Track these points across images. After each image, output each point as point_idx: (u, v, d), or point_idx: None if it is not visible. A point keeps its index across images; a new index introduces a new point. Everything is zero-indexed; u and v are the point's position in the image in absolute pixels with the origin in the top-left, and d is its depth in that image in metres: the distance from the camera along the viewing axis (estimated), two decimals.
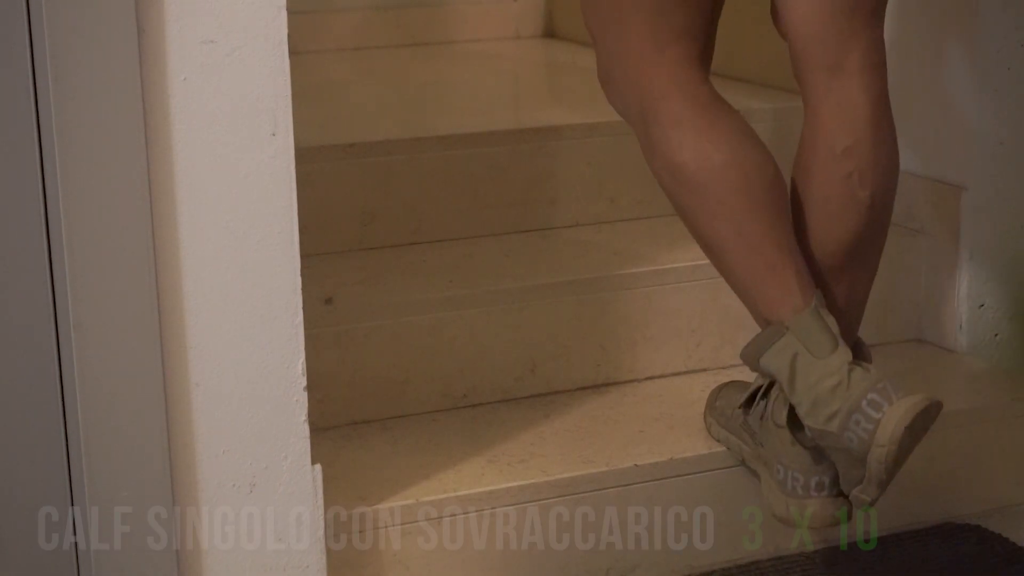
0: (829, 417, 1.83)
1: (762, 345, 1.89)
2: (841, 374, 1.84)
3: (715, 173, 1.89)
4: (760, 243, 1.89)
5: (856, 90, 1.91)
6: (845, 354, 1.85)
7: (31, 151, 1.60)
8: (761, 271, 1.90)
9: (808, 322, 1.87)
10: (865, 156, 1.92)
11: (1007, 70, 2.34)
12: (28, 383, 1.65)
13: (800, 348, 1.86)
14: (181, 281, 1.68)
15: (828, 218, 1.94)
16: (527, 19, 3.45)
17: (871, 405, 1.81)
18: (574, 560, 1.99)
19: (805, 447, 1.90)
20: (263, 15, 1.66)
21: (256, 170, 1.69)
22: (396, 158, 2.39)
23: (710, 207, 1.90)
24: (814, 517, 1.91)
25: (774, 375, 1.89)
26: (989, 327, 2.40)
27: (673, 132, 1.90)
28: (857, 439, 1.81)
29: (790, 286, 1.89)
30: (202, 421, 1.72)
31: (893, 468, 1.82)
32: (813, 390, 1.84)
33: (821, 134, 1.92)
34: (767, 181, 1.90)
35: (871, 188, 1.92)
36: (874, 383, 1.83)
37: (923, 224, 2.44)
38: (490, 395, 2.21)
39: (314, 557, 1.79)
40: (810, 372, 1.85)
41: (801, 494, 1.91)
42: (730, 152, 1.89)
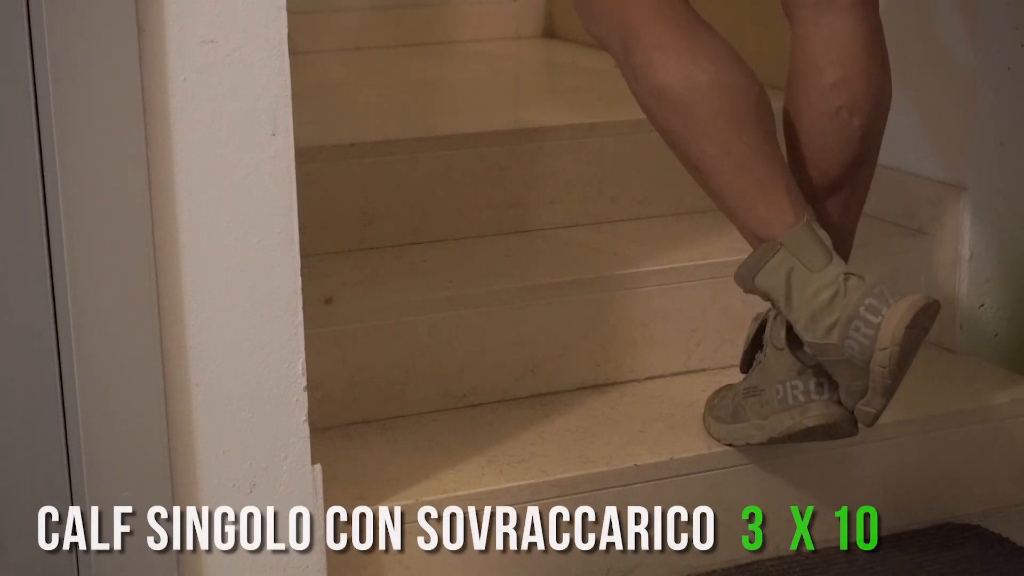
0: (828, 328, 1.83)
1: (756, 264, 1.89)
2: (837, 284, 1.84)
3: (700, 93, 1.88)
4: (749, 161, 1.88)
5: (847, 24, 1.91)
6: (840, 266, 1.85)
7: (31, 151, 1.60)
8: (751, 189, 1.89)
9: (801, 236, 1.86)
10: (855, 90, 1.91)
11: (1007, 70, 2.34)
12: (28, 383, 1.65)
13: (795, 263, 1.86)
14: (181, 281, 1.68)
15: (819, 149, 1.94)
16: (527, 19, 3.45)
17: (869, 310, 1.81)
18: (574, 560, 1.99)
19: (806, 366, 1.90)
20: (263, 15, 1.66)
21: (256, 170, 1.69)
22: (396, 158, 2.39)
23: (696, 127, 1.89)
24: (818, 415, 1.90)
25: (769, 293, 1.89)
26: (989, 327, 2.40)
27: (656, 55, 1.89)
28: (858, 346, 1.81)
29: (781, 203, 1.88)
30: (202, 421, 1.72)
31: (897, 372, 1.81)
32: (810, 303, 1.84)
33: (810, 68, 1.92)
34: (753, 100, 1.89)
35: (861, 120, 1.93)
36: (870, 288, 1.82)
37: (923, 224, 2.44)
38: (490, 395, 2.21)
39: (314, 557, 1.79)
40: (806, 286, 1.84)
41: (802, 400, 1.90)
42: (715, 72, 1.88)
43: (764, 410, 1.97)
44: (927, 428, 2.17)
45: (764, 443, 1.99)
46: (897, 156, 2.45)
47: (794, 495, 2.08)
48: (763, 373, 1.97)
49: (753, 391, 1.99)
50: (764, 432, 1.97)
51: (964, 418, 2.20)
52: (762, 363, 1.98)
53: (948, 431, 2.18)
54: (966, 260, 2.39)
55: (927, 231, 2.43)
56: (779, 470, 2.07)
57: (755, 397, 1.99)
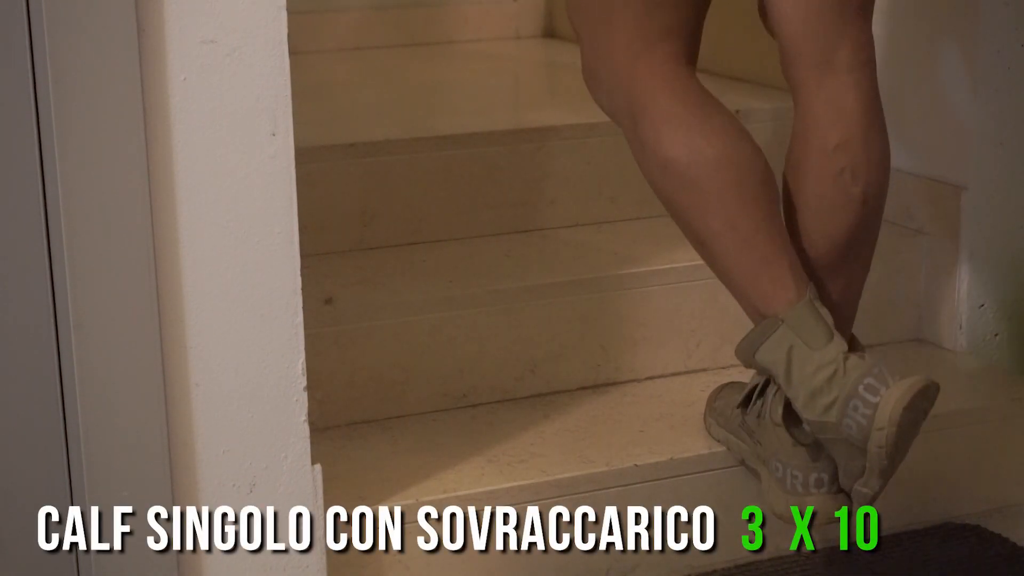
0: (827, 407, 1.83)
1: (757, 339, 1.89)
2: (837, 363, 1.84)
3: (707, 168, 1.88)
4: (753, 237, 1.89)
5: (846, 87, 1.91)
6: (840, 344, 1.85)
7: (31, 151, 1.60)
8: (755, 265, 1.89)
9: (803, 314, 1.87)
10: (857, 152, 1.91)
11: (1007, 70, 2.34)
12: (28, 383, 1.65)
13: (796, 340, 1.86)
14: (181, 281, 1.68)
15: (821, 215, 1.94)
16: (527, 19, 3.45)
17: (868, 390, 1.81)
18: (574, 560, 1.99)
19: (803, 444, 1.90)
20: (263, 15, 1.66)
21: (256, 170, 1.69)
22: (396, 158, 2.39)
23: (702, 202, 1.89)
24: (815, 515, 1.91)
25: (770, 369, 1.89)
26: (989, 327, 2.40)
27: (664, 128, 1.90)
28: (856, 426, 1.81)
29: (784, 279, 1.88)
30: (202, 421, 1.72)
31: (894, 454, 1.81)
32: (809, 381, 1.84)
33: (812, 131, 1.92)
34: (759, 176, 1.90)
35: (863, 184, 1.92)
36: (870, 368, 1.82)
37: (923, 224, 2.44)
38: (490, 395, 2.21)
39: (314, 557, 1.79)
40: (806, 363, 1.85)
41: (801, 491, 1.91)
42: (722, 147, 1.89)
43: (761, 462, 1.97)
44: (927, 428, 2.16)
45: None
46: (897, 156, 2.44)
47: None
48: (763, 431, 1.96)
49: (750, 434, 1.99)
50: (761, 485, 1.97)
51: (964, 418, 2.20)
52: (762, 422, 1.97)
53: (948, 431, 2.18)
54: (966, 260, 2.39)
55: (927, 231, 2.43)
56: None
57: (752, 441, 1.99)
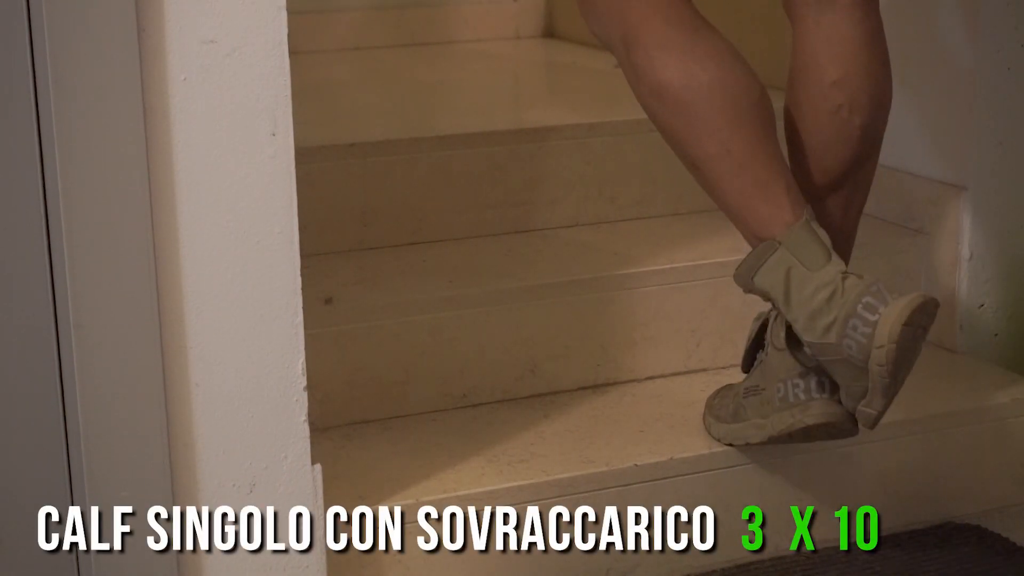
0: (826, 328, 1.83)
1: (755, 263, 1.89)
2: (835, 283, 1.84)
3: (701, 92, 1.88)
4: (749, 160, 1.88)
5: (847, 23, 1.91)
6: (838, 265, 1.85)
7: (31, 151, 1.60)
8: (750, 188, 1.89)
9: (800, 235, 1.86)
10: (855, 88, 1.92)
11: (1007, 70, 2.34)
12: (28, 383, 1.65)
13: (794, 262, 1.86)
14: (181, 281, 1.68)
15: (819, 148, 1.94)
16: (527, 19, 3.45)
17: (867, 308, 1.81)
18: (574, 560, 1.99)
19: (807, 367, 1.90)
20: (263, 15, 1.66)
21: (256, 170, 1.69)
22: (396, 158, 2.39)
23: (697, 126, 1.89)
24: (819, 415, 1.90)
25: (768, 292, 1.89)
26: (989, 327, 2.40)
27: (657, 53, 1.89)
28: (856, 344, 1.81)
29: (780, 202, 1.88)
30: (202, 421, 1.72)
31: (896, 371, 1.81)
32: (809, 302, 1.84)
33: (811, 66, 1.93)
34: (754, 99, 1.90)
35: (861, 119, 1.93)
36: (868, 287, 1.82)
37: (923, 224, 2.44)
38: (490, 395, 2.21)
39: (314, 557, 1.79)
40: (805, 285, 1.84)
41: (803, 399, 1.90)
42: (716, 70, 1.88)
43: (764, 409, 1.97)
44: (927, 428, 2.17)
45: (764, 442, 1.99)
46: (897, 156, 2.45)
47: (794, 495, 2.08)
48: (764, 373, 1.97)
49: (754, 390, 1.99)
50: (764, 431, 1.97)
51: (964, 418, 2.20)
52: (763, 363, 1.98)
53: (948, 431, 2.18)
54: (966, 260, 2.39)
55: (927, 231, 2.43)
56: (779, 470, 2.07)
57: (756, 396, 1.99)
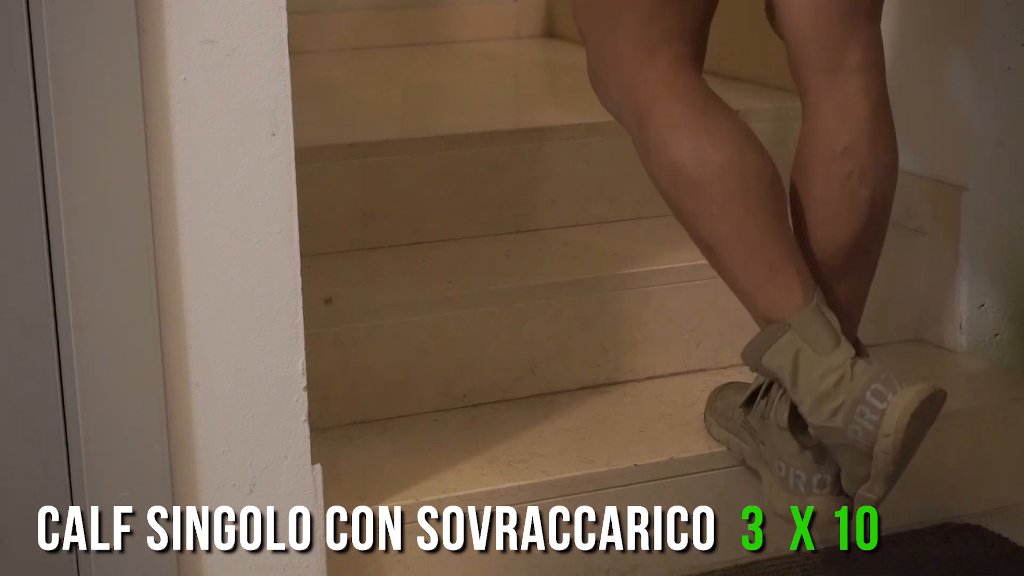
0: (833, 412, 1.83)
1: (763, 344, 1.89)
2: (844, 368, 1.83)
3: (714, 174, 1.88)
4: (760, 243, 1.89)
5: (855, 90, 1.90)
6: (847, 349, 1.85)
7: (31, 151, 1.60)
8: (762, 271, 1.89)
9: (810, 319, 1.86)
10: (865, 156, 1.91)
11: (1007, 70, 2.34)
12: (28, 383, 1.65)
13: (802, 345, 1.86)
14: (181, 281, 1.68)
15: (828, 218, 1.93)
16: (527, 19, 3.45)
17: (875, 395, 1.81)
18: (574, 560, 1.99)
19: (807, 448, 1.90)
20: (263, 15, 1.66)
21: (256, 170, 1.69)
22: (396, 158, 2.39)
23: (709, 208, 1.89)
24: (816, 515, 1.90)
25: (776, 374, 1.89)
26: (989, 327, 2.40)
27: (670, 134, 1.90)
28: (862, 431, 1.81)
29: (791, 285, 1.88)
30: (202, 421, 1.72)
31: (900, 460, 1.81)
32: (816, 387, 1.84)
33: (820, 134, 1.92)
34: (766, 181, 1.90)
35: (871, 187, 1.92)
36: (877, 374, 1.82)
37: (923, 224, 2.44)
38: (490, 395, 2.21)
39: (314, 557, 1.79)
40: (813, 369, 1.84)
41: (803, 492, 1.90)
42: (728, 152, 1.88)
43: (764, 456, 1.97)
44: None
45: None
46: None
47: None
48: (767, 432, 1.96)
49: (752, 434, 1.99)
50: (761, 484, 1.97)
51: (964, 418, 2.20)
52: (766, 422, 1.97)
53: (948, 431, 2.18)
54: (966, 260, 2.39)
55: (927, 231, 2.43)
56: None
57: (754, 440, 1.99)
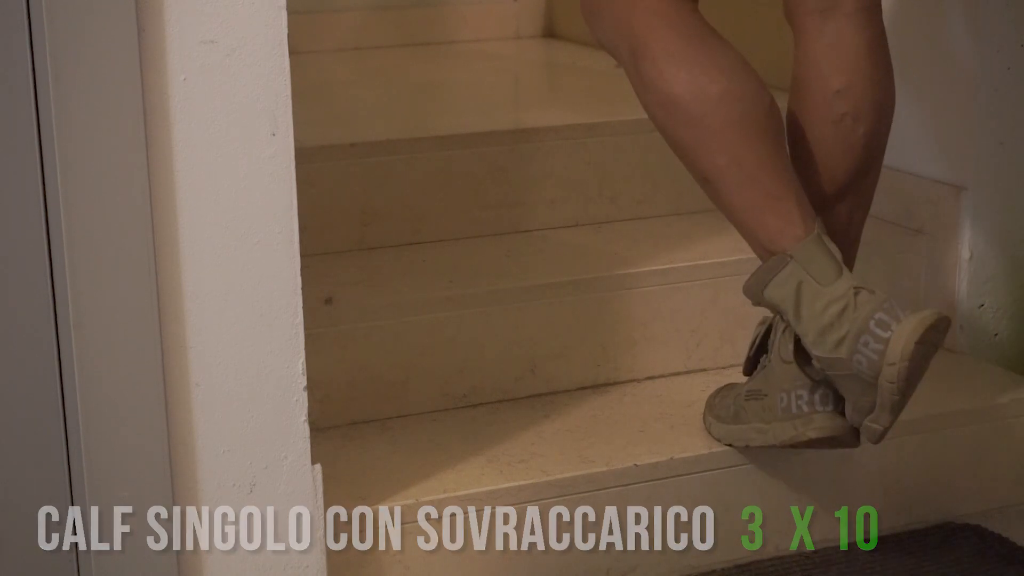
0: (837, 342, 1.82)
1: (765, 276, 1.88)
2: (847, 298, 1.82)
3: (711, 104, 1.86)
4: (759, 173, 1.87)
5: (850, 31, 1.90)
6: (850, 279, 1.84)
7: (31, 151, 1.60)
8: (761, 201, 1.88)
9: (812, 249, 1.86)
10: (858, 97, 1.91)
11: (1007, 70, 2.34)
12: (28, 383, 1.65)
13: (804, 276, 1.85)
14: (181, 281, 1.68)
15: (823, 156, 1.93)
16: (527, 19, 3.45)
17: (879, 325, 1.80)
18: (574, 560, 1.99)
19: (812, 380, 1.89)
20: (263, 15, 1.66)
21: (256, 170, 1.69)
22: (396, 158, 2.39)
23: (706, 139, 1.88)
24: (822, 427, 1.89)
25: (779, 306, 1.88)
26: (989, 327, 2.40)
27: (665, 65, 1.88)
28: (867, 361, 1.80)
29: (791, 215, 1.87)
30: (202, 421, 1.72)
31: (905, 388, 1.80)
32: (820, 317, 1.83)
33: (814, 76, 1.91)
34: (763, 111, 1.88)
35: (865, 127, 1.92)
36: (881, 303, 1.81)
37: (923, 224, 2.44)
38: (490, 395, 2.21)
39: (314, 557, 1.79)
40: (816, 299, 1.83)
41: (806, 410, 1.89)
42: (725, 83, 1.87)
43: (766, 415, 1.97)
44: (927, 428, 2.17)
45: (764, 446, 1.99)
46: (897, 156, 2.45)
47: (794, 495, 2.08)
48: (767, 379, 1.96)
49: (756, 395, 1.99)
50: (765, 437, 1.97)
51: (964, 418, 2.20)
52: (766, 369, 1.98)
53: (948, 431, 2.18)
54: (966, 260, 2.39)
55: (927, 231, 2.43)
56: (779, 470, 2.07)
57: (758, 401, 1.98)
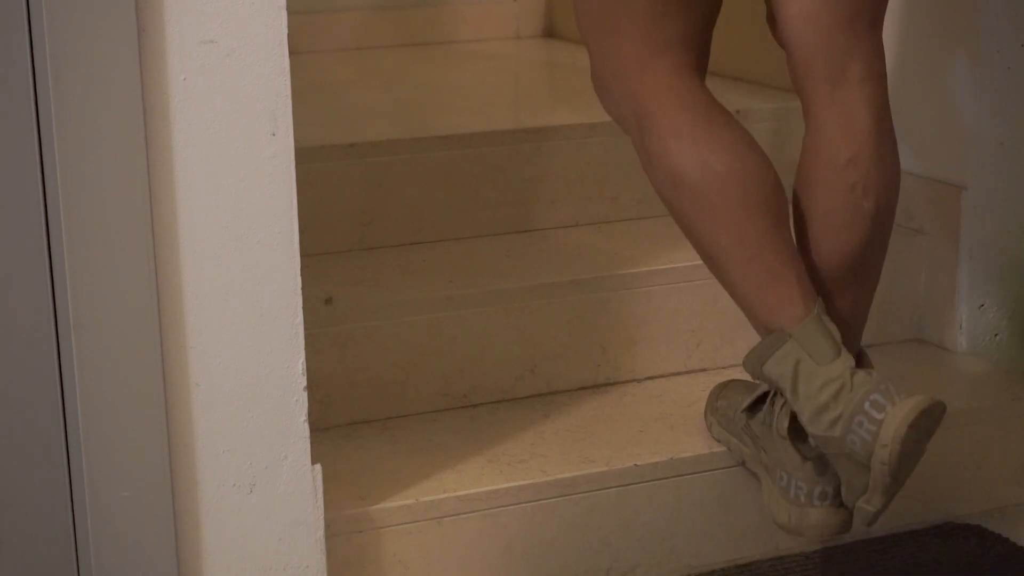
0: (832, 422, 1.83)
1: (764, 353, 1.89)
2: (844, 379, 1.83)
3: (716, 182, 1.88)
4: (761, 251, 1.88)
5: (858, 101, 1.90)
6: (848, 360, 1.85)
7: (31, 151, 1.60)
8: (762, 279, 1.89)
9: (810, 329, 1.86)
10: (868, 167, 1.91)
11: (1007, 70, 2.34)
12: (28, 383, 1.65)
13: (802, 355, 1.86)
14: (181, 281, 1.68)
15: (831, 230, 1.93)
16: (527, 19, 3.45)
17: (873, 406, 1.81)
18: (574, 560, 1.99)
19: (808, 458, 1.90)
20: (263, 15, 1.66)
21: (256, 170, 1.69)
22: (396, 158, 2.39)
23: (710, 216, 1.89)
24: (817, 526, 1.90)
25: (777, 382, 1.89)
26: (989, 327, 2.40)
27: (672, 142, 1.89)
28: (860, 441, 1.81)
29: (792, 294, 1.88)
30: (202, 421, 1.72)
31: (897, 471, 1.81)
32: (816, 397, 1.84)
33: (824, 145, 1.91)
34: (768, 189, 1.89)
35: (875, 199, 1.92)
36: (876, 384, 1.82)
37: (923, 224, 2.44)
38: (490, 395, 2.21)
39: (314, 557, 1.80)
40: (813, 378, 1.84)
41: (804, 502, 1.90)
42: (730, 161, 1.88)
43: (764, 462, 1.97)
44: None
45: None
46: None
47: None
48: (769, 439, 1.96)
49: (754, 439, 1.99)
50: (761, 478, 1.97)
51: (964, 418, 2.20)
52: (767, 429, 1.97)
53: (948, 431, 2.17)
54: (966, 260, 2.39)
55: (927, 231, 2.43)
56: None
57: (755, 444, 1.99)
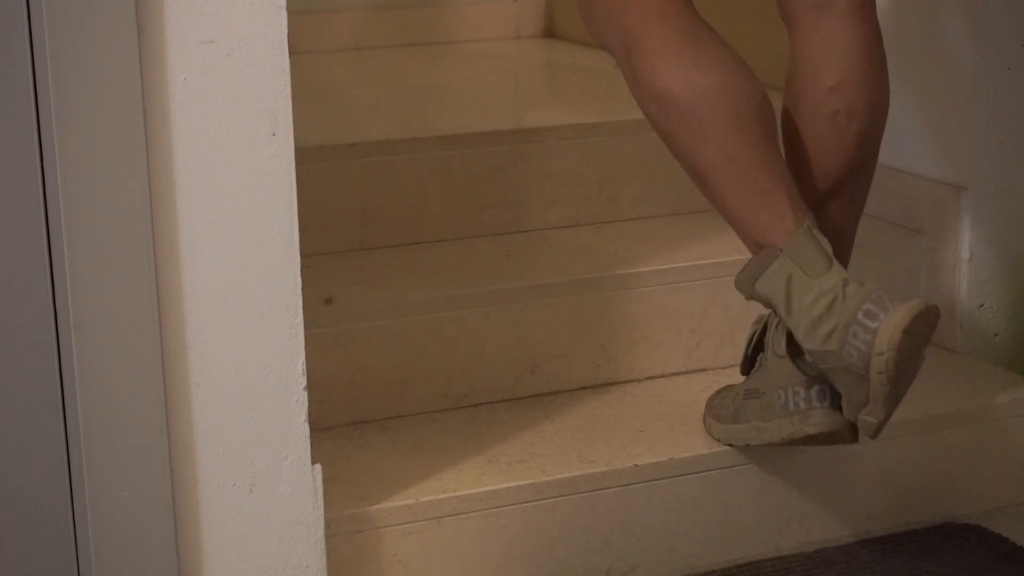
0: (827, 335, 1.82)
1: (756, 270, 1.89)
2: (836, 290, 1.83)
3: (703, 100, 1.87)
4: (750, 168, 1.88)
5: (845, 28, 1.90)
6: (839, 272, 1.85)
7: (31, 151, 1.60)
8: (752, 196, 1.89)
9: (802, 243, 1.86)
10: (852, 94, 1.91)
11: (1007, 70, 2.34)
12: (28, 383, 1.65)
13: (795, 269, 1.86)
14: (181, 281, 1.68)
15: (817, 153, 1.94)
16: (527, 19, 3.45)
17: (867, 315, 1.80)
18: (574, 560, 1.99)
19: (808, 375, 1.90)
20: (263, 15, 1.66)
21: (256, 170, 1.69)
22: (396, 158, 2.39)
23: (698, 133, 1.88)
24: (819, 424, 1.89)
25: (770, 300, 1.89)
26: (989, 327, 2.40)
27: (659, 60, 1.89)
28: (856, 352, 1.80)
29: (782, 209, 1.88)
30: (202, 421, 1.72)
31: (896, 379, 1.80)
32: (810, 310, 1.84)
33: (808, 72, 1.92)
34: (755, 106, 1.89)
35: (859, 124, 1.92)
36: (869, 294, 1.82)
37: (923, 224, 2.44)
38: (490, 395, 2.21)
39: (314, 557, 1.80)
40: (806, 292, 1.84)
41: (803, 407, 1.90)
42: (718, 78, 1.88)
43: (765, 413, 1.97)
44: (927, 428, 2.17)
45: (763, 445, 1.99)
46: (897, 156, 2.45)
47: (794, 495, 2.09)
48: (764, 376, 1.97)
49: (754, 393, 1.99)
50: (764, 435, 1.97)
51: (964, 418, 2.20)
52: (763, 367, 1.98)
53: (948, 431, 2.18)
54: (966, 260, 2.39)
55: (927, 231, 2.43)
56: (779, 470, 2.07)
57: (756, 399, 1.99)
